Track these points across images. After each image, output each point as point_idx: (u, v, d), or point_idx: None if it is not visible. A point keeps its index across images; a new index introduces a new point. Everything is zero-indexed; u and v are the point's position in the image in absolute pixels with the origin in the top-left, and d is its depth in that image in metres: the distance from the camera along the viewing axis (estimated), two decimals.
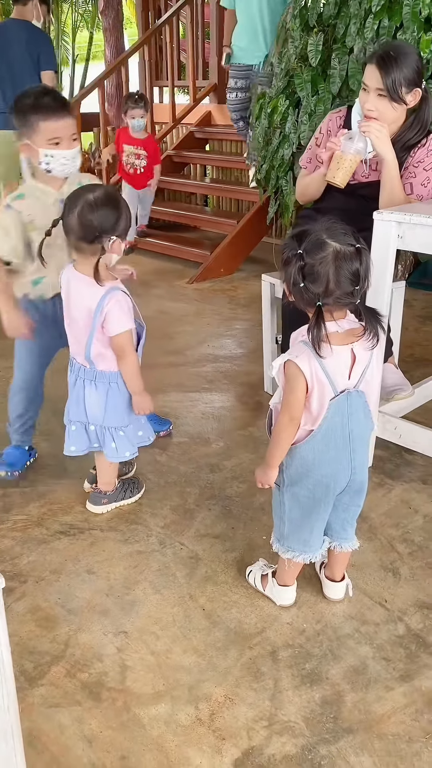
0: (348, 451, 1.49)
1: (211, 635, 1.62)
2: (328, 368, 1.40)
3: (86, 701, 1.45)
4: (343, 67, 3.69)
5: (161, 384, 3.02)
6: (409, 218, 1.96)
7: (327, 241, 1.34)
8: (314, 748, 1.34)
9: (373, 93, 2.19)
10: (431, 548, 1.93)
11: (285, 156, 3.96)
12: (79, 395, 1.94)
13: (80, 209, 1.70)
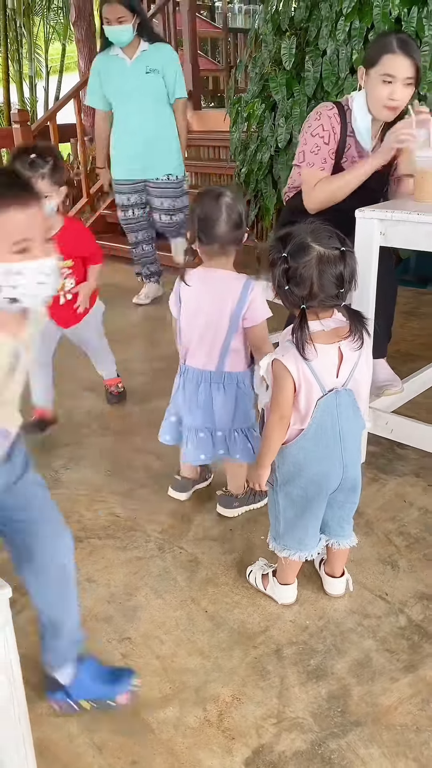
0: (339, 449, 1.50)
1: (215, 637, 1.62)
2: (315, 367, 1.42)
3: (94, 709, 1.45)
4: (317, 69, 3.73)
5: (150, 390, 3.03)
6: (391, 215, 1.99)
7: (311, 244, 1.36)
8: (323, 743, 1.35)
9: (401, 83, 2.17)
10: (428, 540, 1.95)
11: (263, 159, 3.99)
12: (207, 401, 1.90)
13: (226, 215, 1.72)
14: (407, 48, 2.15)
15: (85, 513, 2.13)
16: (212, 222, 1.71)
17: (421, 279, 4.24)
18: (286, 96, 3.83)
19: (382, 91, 2.22)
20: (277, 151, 3.94)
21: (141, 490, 2.25)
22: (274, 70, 3.92)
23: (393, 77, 2.17)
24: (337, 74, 3.67)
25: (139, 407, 2.87)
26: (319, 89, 3.78)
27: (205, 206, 1.72)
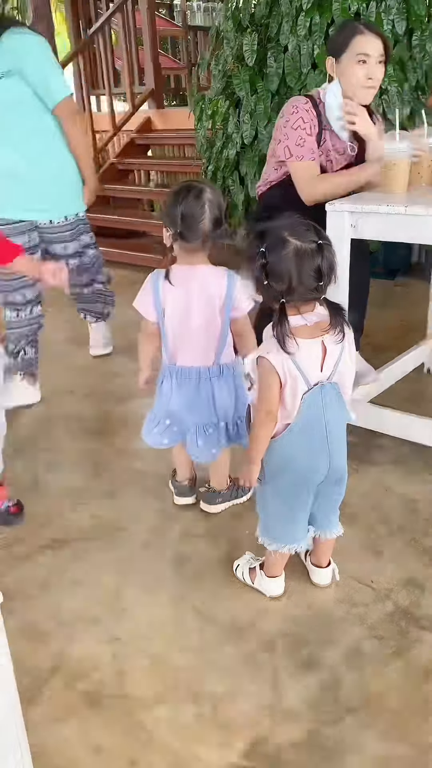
0: (325, 442, 1.51)
1: (205, 633, 1.62)
2: (299, 362, 1.43)
3: (88, 711, 1.44)
4: (279, 65, 3.75)
5: (130, 391, 3.01)
6: (361, 207, 2.01)
7: (288, 238, 1.36)
8: (319, 731, 1.36)
9: (374, 61, 2.25)
10: (409, 527, 1.97)
11: (230, 156, 3.99)
12: (209, 396, 1.90)
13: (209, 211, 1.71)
14: (374, 28, 2.28)
15: (69, 516, 2.12)
16: (196, 218, 1.71)
17: (389, 271, 4.28)
18: (250, 92, 3.84)
19: (358, 72, 2.27)
20: (243, 148, 3.95)
21: (124, 490, 2.24)
22: (236, 67, 3.93)
23: (368, 56, 2.24)
24: (300, 69, 3.70)
25: (116, 408, 2.85)
26: (282, 85, 3.81)
27: (188, 203, 1.71)
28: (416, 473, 2.24)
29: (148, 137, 5.92)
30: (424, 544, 1.90)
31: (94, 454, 2.49)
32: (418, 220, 1.92)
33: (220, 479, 2.08)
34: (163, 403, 1.97)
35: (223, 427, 1.95)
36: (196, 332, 1.85)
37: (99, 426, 2.71)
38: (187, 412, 1.92)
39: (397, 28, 3.60)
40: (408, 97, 3.80)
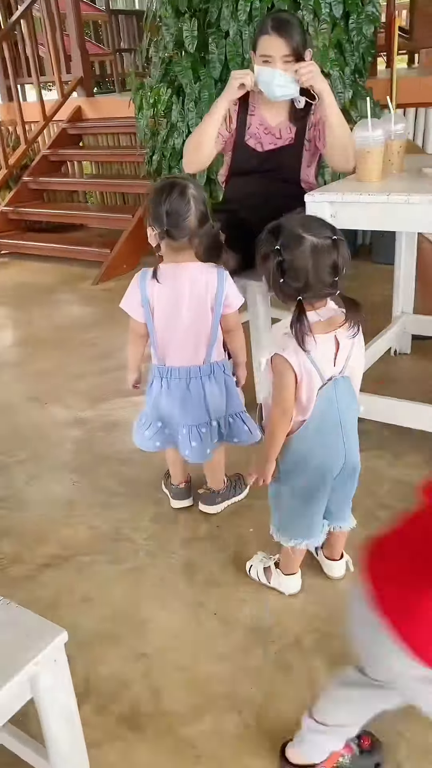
0: (340, 436, 1.52)
1: (231, 638, 1.61)
2: (314, 358, 1.42)
3: (128, 734, 1.40)
4: (221, 51, 3.70)
5: (99, 392, 2.95)
6: (342, 197, 2.01)
7: (304, 235, 1.34)
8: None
9: (280, 62, 2.24)
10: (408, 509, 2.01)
11: (176, 145, 3.92)
12: (200, 395, 1.86)
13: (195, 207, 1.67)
14: (280, 28, 2.23)
15: (64, 530, 2.05)
16: (183, 216, 1.66)
17: None
18: (193, 80, 3.78)
19: (264, 71, 2.28)
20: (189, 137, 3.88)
21: (116, 498, 2.19)
22: (177, 53, 3.85)
23: (271, 57, 2.24)
24: (242, 55, 3.65)
25: (91, 412, 2.78)
26: (225, 71, 3.75)
27: (172, 200, 1.66)
28: (403, 456, 2.28)
29: (79, 127, 5.75)
30: None
31: (75, 463, 2.42)
32: (400, 208, 1.93)
33: (217, 479, 2.06)
34: (154, 405, 1.93)
35: (216, 426, 1.93)
36: (186, 331, 1.81)
37: (74, 433, 2.64)
38: (180, 413, 1.89)
39: (335, 11, 3.62)
40: (349, 81, 3.83)
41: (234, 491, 2.09)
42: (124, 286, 1.87)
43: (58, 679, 0.94)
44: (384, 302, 3.74)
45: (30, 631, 0.94)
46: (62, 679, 0.95)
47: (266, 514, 2.02)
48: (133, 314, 1.84)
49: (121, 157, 5.40)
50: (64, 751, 1.01)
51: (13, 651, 0.91)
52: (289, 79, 2.27)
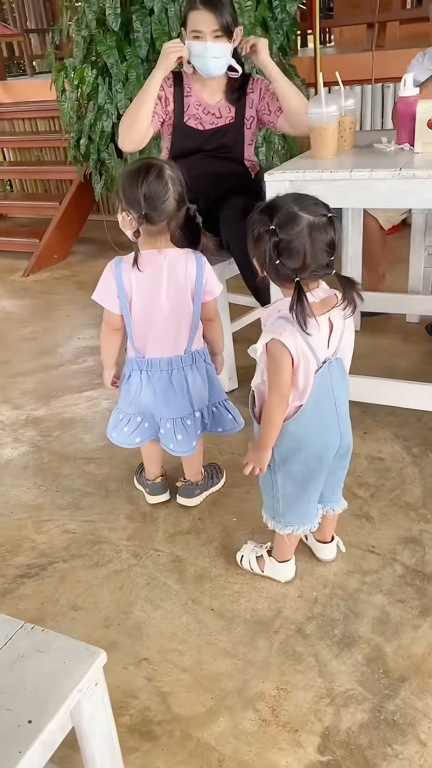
0: (335, 418, 1.49)
1: (232, 633, 1.57)
2: (311, 341, 1.38)
3: (142, 744, 1.34)
4: (147, 29, 3.58)
5: (48, 390, 2.82)
6: (303, 175, 1.97)
7: (300, 213, 1.30)
8: (382, 707, 1.36)
9: (210, 36, 2.20)
10: (387, 485, 2.02)
11: (105, 128, 3.79)
12: (183, 387, 1.80)
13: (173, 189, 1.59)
14: (209, 2, 2.18)
15: (37, 537, 1.94)
16: (161, 198, 1.58)
17: None
18: (119, 59, 3.64)
19: (196, 47, 2.24)
20: (119, 119, 3.75)
21: (86, 499, 2.09)
22: (99, 32, 3.70)
23: (201, 32, 2.20)
24: (168, 33, 3.55)
25: (44, 411, 2.65)
26: (152, 50, 3.65)
27: (150, 183, 1.57)
28: (372, 431, 2.30)
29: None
30: (405, 499, 1.96)
31: (37, 465, 2.30)
32: (362, 185, 1.92)
33: (196, 471, 2.00)
34: (132, 400, 1.84)
35: (200, 417, 1.87)
36: (166, 320, 1.73)
37: (33, 433, 2.51)
38: (163, 406, 1.82)
39: None
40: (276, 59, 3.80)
41: (212, 481, 2.05)
42: (58, 277, 1.79)
43: (99, 705, 0.87)
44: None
45: (66, 656, 0.86)
46: (103, 704, 0.88)
47: (247, 501, 2.00)
48: (108, 306, 1.74)
49: (41, 143, 5.18)
50: None
51: (54, 680, 0.83)
52: (221, 50, 2.24)
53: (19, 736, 0.77)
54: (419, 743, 1.29)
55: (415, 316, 3.11)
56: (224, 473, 2.10)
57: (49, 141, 5.03)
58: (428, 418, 2.33)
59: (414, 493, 1.98)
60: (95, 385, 2.82)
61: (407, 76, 2.05)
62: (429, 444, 2.20)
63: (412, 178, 1.83)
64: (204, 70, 2.31)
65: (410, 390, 2.21)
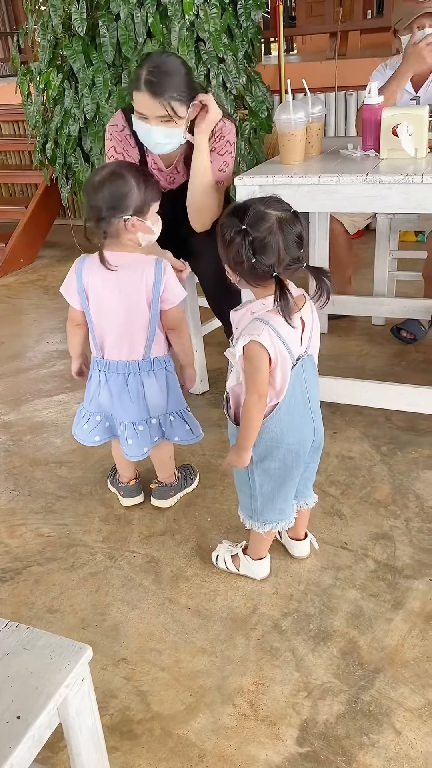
0: (310, 413, 1.53)
1: (210, 631, 1.58)
2: (285, 339, 1.41)
3: (122, 743, 1.35)
4: (113, 34, 3.60)
5: (19, 394, 2.80)
6: (273, 179, 2.01)
7: (267, 211, 1.33)
8: (358, 698, 1.40)
9: (155, 121, 2.00)
10: (357, 483, 2.07)
11: (71, 132, 3.78)
12: (138, 392, 1.79)
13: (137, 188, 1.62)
14: (153, 86, 1.93)
15: (10, 541, 1.93)
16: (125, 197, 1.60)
17: None
18: (85, 64, 3.65)
19: (140, 128, 2.05)
20: (85, 123, 3.76)
21: (60, 502, 2.09)
22: (66, 36, 3.70)
23: (146, 115, 2.01)
24: (135, 39, 3.57)
25: (14, 416, 2.64)
26: (118, 55, 3.66)
27: (116, 184, 1.59)
28: (342, 431, 2.34)
29: None
30: (375, 496, 2.00)
31: (6, 469, 2.29)
32: (330, 189, 1.96)
33: (168, 473, 2.02)
34: (93, 398, 1.86)
35: (156, 424, 1.87)
36: (121, 325, 1.75)
37: (1, 437, 2.49)
38: (118, 408, 1.83)
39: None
40: (242, 66, 3.85)
41: (185, 482, 2.06)
42: (24, 281, 1.81)
43: (86, 700, 0.88)
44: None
45: (52, 652, 0.87)
46: (89, 700, 0.88)
47: (221, 501, 2.02)
48: (70, 301, 1.77)
49: (5, 146, 5.13)
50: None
51: (41, 676, 0.83)
52: (168, 133, 2.04)
53: (8, 732, 0.77)
54: (394, 732, 1.32)
55: (381, 319, 3.18)
56: (197, 474, 2.12)
57: (13, 145, 4.99)
58: (396, 417, 2.39)
59: (383, 491, 2.02)
60: (65, 389, 2.81)
61: (372, 85, 2.10)
62: (397, 442, 2.25)
63: (379, 183, 1.88)
64: (150, 148, 2.14)
65: (378, 390, 2.26)
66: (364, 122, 2.14)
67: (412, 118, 1.97)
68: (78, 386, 2.82)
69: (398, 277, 3.19)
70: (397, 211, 2.03)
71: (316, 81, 4.44)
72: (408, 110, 2.00)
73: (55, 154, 3.97)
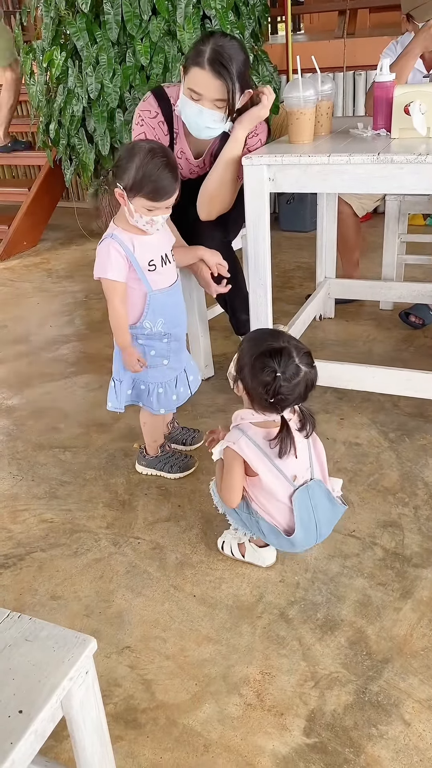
0: (315, 536, 1.58)
1: (215, 619, 1.56)
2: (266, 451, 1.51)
3: (127, 732, 1.33)
4: (117, 11, 3.53)
5: (22, 378, 2.77)
6: (281, 159, 1.96)
7: (300, 366, 1.43)
8: (366, 689, 1.37)
9: (209, 102, 1.96)
10: (364, 470, 2.04)
11: (75, 112, 3.72)
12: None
13: None
14: (220, 66, 1.90)
15: (13, 527, 1.91)
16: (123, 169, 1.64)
17: None
18: (89, 42, 3.58)
19: (188, 109, 2.01)
20: (89, 103, 3.70)
21: (63, 488, 2.06)
22: (69, 14, 3.63)
23: (201, 96, 1.96)
24: (140, 16, 3.50)
25: (17, 400, 2.61)
26: (122, 33, 3.60)
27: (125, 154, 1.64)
28: (349, 417, 2.31)
29: None
30: (383, 484, 1.97)
31: (10, 454, 2.26)
32: (340, 169, 1.91)
33: (146, 441, 2.07)
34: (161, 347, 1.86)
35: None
36: None
37: (4, 422, 2.46)
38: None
39: None
40: (249, 44, 3.77)
41: (163, 466, 2.06)
42: (27, 264, 1.78)
43: (90, 693, 0.85)
44: (298, 268, 3.78)
45: (55, 644, 0.84)
46: (93, 692, 0.86)
47: None
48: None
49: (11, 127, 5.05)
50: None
51: (43, 669, 0.81)
52: (219, 119, 2.01)
53: (10, 726, 0.75)
54: (403, 723, 1.30)
55: (389, 303, 3.13)
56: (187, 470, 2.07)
57: (16, 126, 4.92)
58: (404, 402, 2.35)
59: (391, 478, 1.99)
60: (69, 373, 2.78)
61: (384, 61, 2.04)
62: (405, 429, 2.22)
63: (390, 163, 1.83)
64: (194, 131, 2.09)
65: (386, 375, 2.22)
66: (375, 100, 2.08)
67: (425, 95, 1.91)
68: (82, 371, 2.79)
69: (407, 261, 3.14)
70: (409, 191, 1.98)
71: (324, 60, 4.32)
72: (421, 87, 1.94)
73: (59, 135, 3.91)
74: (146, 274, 1.74)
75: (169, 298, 1.81)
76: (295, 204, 4.39)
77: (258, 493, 1.55)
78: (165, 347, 1.85)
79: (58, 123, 3.87)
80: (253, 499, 1.56)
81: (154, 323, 1.80)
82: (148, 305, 1.77)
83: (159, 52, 3.53)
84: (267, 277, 2.13)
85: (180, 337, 1.90)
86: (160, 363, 1.86)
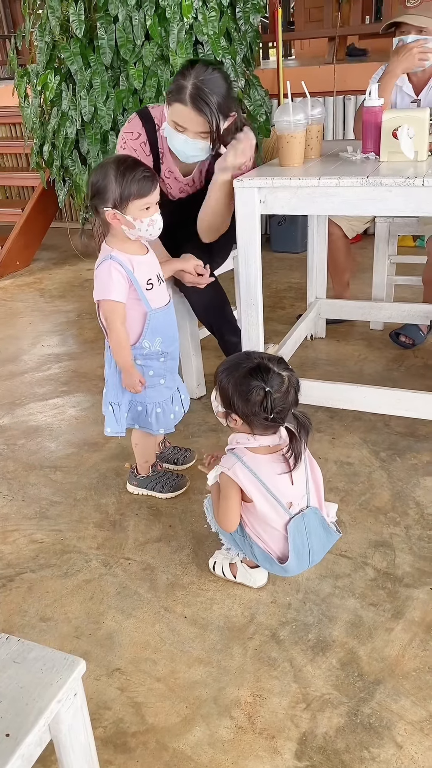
0: (308, 562, 1.59)
1: (206, 640, 1.55)
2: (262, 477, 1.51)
3: (116, 756, 1.31)
4: (111, 36, 3.58)
5: (12, 397, 2.77)
6: (272, 182, 1.98)
7: (281, 373, 1.45)
8: (358, 711, 1.36)
9: (193, 134, 2.03)
10: (356, 490, 2.04)
11: (69, 135, 3.76)
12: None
13: None
14: (199, 102, 1.94)
15: (3, 547, 1.90)
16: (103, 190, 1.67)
17: None
18: (83, 66, 3.63)
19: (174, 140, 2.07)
20: (83, 125, 3.74)
21: (54, 508, 2.05)
22: (63, 38, 3.68)
23: (183, 128, 2.02)
24: (133, 41, 3.55)
25: (8, 419, 2.60)
26: (116, 58, 3.64)
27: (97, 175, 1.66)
28: (340, 436, 2.31)
29: None
30: (375, 503, 1.97)
31: (0, 472, 2.25)
32: (330, 192, 1.94)
33: (137, 462, 2.07)
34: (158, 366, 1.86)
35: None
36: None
37: None
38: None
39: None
40: (240, 70, 3.83)
41: (155, 486, 2.05)
42: (20, 284, 1.79)
43: (78, 716, 0.84)
44: (290, 289, 3.80)
45: (43, 666, 0.84)
46: (82, 716, 0.85)
47: None
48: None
49: (2, 149, 5.10)
50: None
51: (31, 691, 0.80)
52: (203, 147, 2.07)
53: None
54: (395, 745, 1.29)
55: (379, 323, 3.15)
56: (180, 489, 2.07)
57: (10, 147, 4.96)
58: (395, 422, 2.36)
59: (383, 497, 1.99)
60: (60, 392, 2.78)
61: (372, 87, 2.08)
62: (396, 448, 2.22)
63: (379, 186, 1.86)
64: (181, 157, 2.15)
65: (376, 395, 2.23)
66: (364, 124, 2.11)
67: (412, 120, 1.95)
68: (74, 390, 2.79)
69: (397, 281, 3.17)
70: (398, 214, 2.01)
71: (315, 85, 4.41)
72: (409, 112, 1.98)
73: (52, 157, 3.94)
74: (145, 293, 1.75)
75: (166, 317, 1.83)
76: (287, 225, 4.44)
77: (253, 520, 1.55)
78: (162, 366, 1.86)
79: (52, 145, 3.90)
80: (248, 525, 1.56)
81: (152, 342, 1.81)
82: (147, 324, 1.78)
83: (152, 76, 3.57)
84: (258, 297, 2.15)
85: (175, 355, 1.91)
86: (157, 383, 1.86)
